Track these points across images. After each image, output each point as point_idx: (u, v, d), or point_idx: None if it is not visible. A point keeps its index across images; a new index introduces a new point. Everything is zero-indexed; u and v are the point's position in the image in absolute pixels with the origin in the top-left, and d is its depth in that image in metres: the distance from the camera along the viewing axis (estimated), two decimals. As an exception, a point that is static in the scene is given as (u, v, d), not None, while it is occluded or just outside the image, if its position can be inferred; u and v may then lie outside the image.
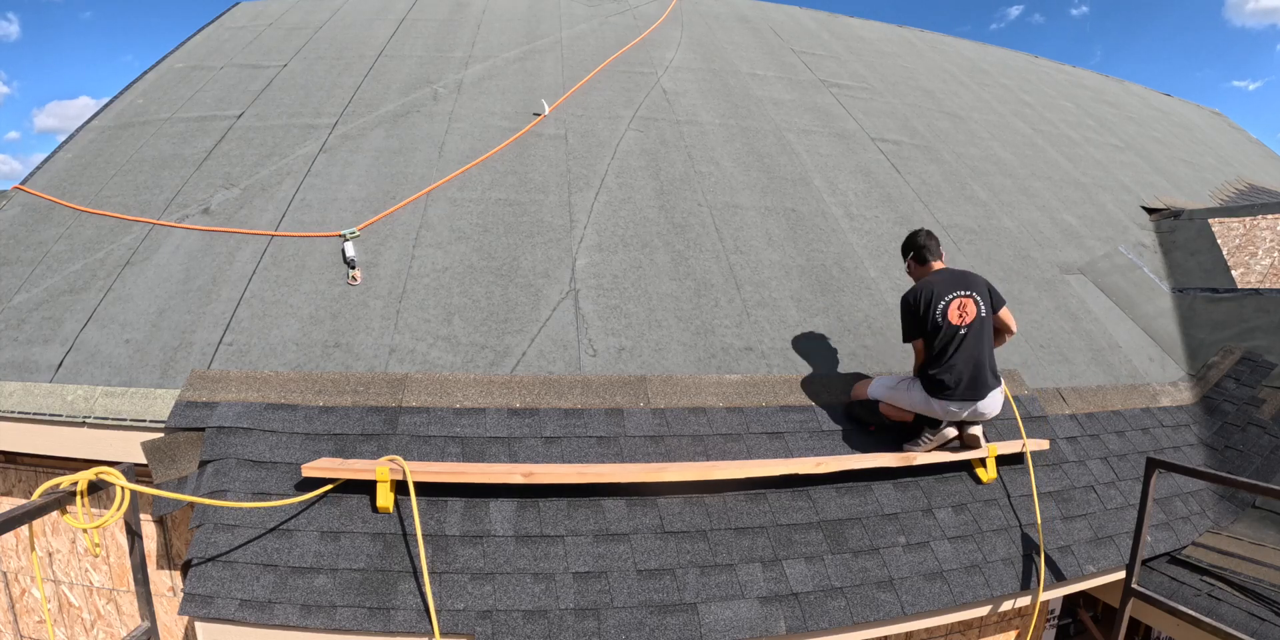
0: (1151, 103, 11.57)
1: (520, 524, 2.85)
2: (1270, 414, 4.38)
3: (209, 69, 6.11)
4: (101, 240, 4.08)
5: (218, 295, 3.69)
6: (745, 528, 3.04)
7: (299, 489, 2.79)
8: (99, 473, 2.16)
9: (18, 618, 3.84)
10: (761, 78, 7.06)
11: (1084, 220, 6.24)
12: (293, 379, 3.22)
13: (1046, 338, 4.63)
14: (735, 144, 5.71)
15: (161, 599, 3.39)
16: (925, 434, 3.38)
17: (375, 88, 5.75)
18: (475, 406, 3.24)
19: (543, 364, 3.53)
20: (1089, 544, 3.49)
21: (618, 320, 3.85)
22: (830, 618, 2.84)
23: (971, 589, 3.12)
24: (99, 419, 3.08)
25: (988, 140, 7.16)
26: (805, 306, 4.25)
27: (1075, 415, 4.12)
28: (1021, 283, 5.07)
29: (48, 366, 3.31)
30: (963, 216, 5.60)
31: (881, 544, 3.14)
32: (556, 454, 3.11)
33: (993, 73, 9.56)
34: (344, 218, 4.25)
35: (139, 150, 4.94)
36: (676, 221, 4.66)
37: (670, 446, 3.24)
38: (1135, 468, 3.94)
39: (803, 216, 5.03)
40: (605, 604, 2.69)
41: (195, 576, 2.54)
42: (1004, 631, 3.99)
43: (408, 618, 2.55)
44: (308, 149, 4.88)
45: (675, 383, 3.54)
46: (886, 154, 6.16)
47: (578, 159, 5.09)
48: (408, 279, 3.89)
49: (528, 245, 4.22)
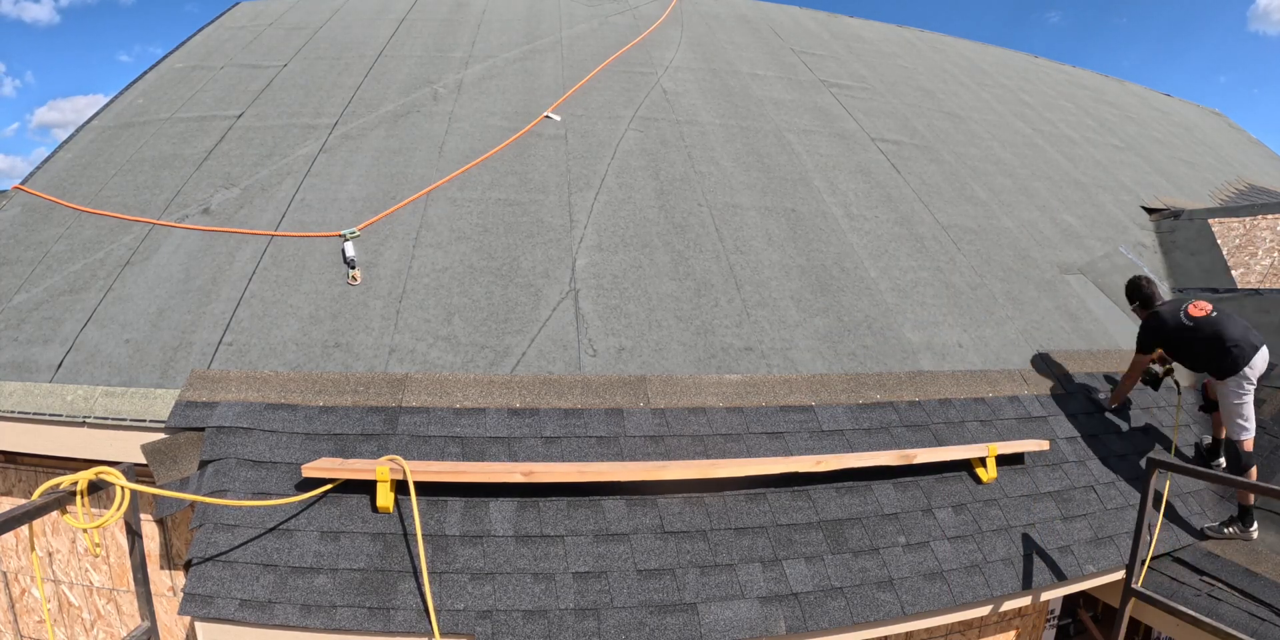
0: (1152, 103, 11.57)
1: (520, 524, 2.85)
2: (1270, 414, 4.38)
3: (209, 69, 6.11)
4: (101, 240, 4.08)
5: (218, 295, 3.69)
6: (745, 528, 3.04)
7: (299, 489, 2.79)
8: (99, 473, 2.16)
9: (18, 618, 3.84)
10: (761, 78, 7.06)
11: (1084, 220, 6.24)
12: (293, 379, 3.22)
13: (1046, 338, 4.63)
14: (735, 144, 5.71)
15: (161, 599, 3.39)
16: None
17: (375, 88, 5.75)
18: (475, 406, 3.24)
19: (543, 364, 3.53)
20: (1089, 544, 3.49)
21: (618, 320, 3.85)
22: (830, 618, 2.84)
23: (971, 589, 3.12)
24: (99, 419, 3.08)
25: (988, 140, 7.16)
26: (805, 306, 4.25)
27: (1075, 415, 4.12)
28: (1021, 283, 5.07)
29: (48, 366, 3.31)
30: (963, 216, 5.60)
31: (881, 544, 3.14)
32: (556, 454, 3.11)
33: (992, 73, 9.56)
34: (344, 218, 4.26)
35: (139, 150, 4.94)
36: (676, 221, 4.66)
37: (670, 446, 3.24)
38: (1135, 468, 3.94)
39: (803, 216, 5.03)
40: (605, 604, 2.69)
41: (195, 576, 2.54)
42: (1004, 631, 3.99)
43: (408, 618, 2.55)
44: (308, 149, 4.88)
45: (675, 383, 3.54)
46: (886, 154, 6.16)
47: (578, 159, 5.09)
48: (408, 279, 3.89)
49: (528, 245, 4.23)
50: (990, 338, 4.46)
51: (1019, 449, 3.64)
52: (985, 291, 4.84)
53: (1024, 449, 3.66)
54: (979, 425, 3.82)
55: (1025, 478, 3.66)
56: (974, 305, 4.69)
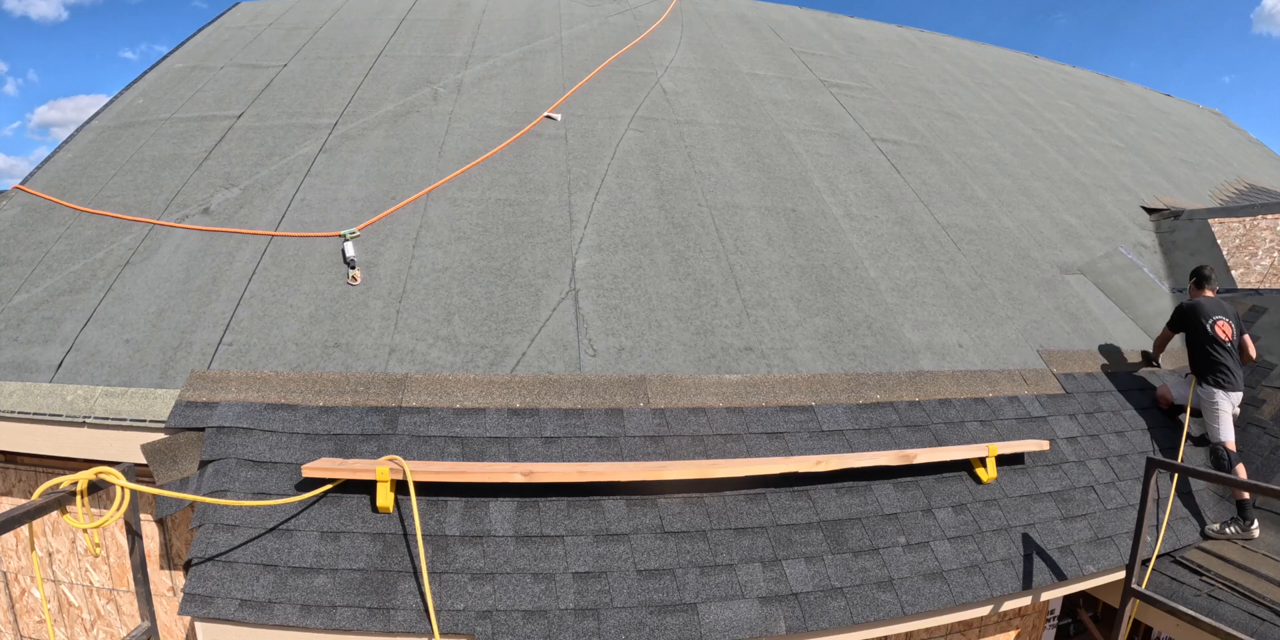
0: (1152, 103, 11.57)
1: (520, 524, 2.85)
2: (1270, 414, 4.38)
3: (209, 69, 6.11)
4: (101, 240, 4.08)
5: (218, 295, 3.69)
6: (745, 528, 3.04)
7: (299, 489, 2.79)
8: (99, 473, 2.16)
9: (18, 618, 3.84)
10: (761, 78, 7.06)
11: (1084, 220, 6.24)
12: (293, 379, 3.22)
13: (1046, 338, 4.63)
14: (735, 144, 5.71)
15: (161, 599, 3.39)
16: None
17: (375, 88, 5.75)
18: (475, 406, 3.24)
19: (543, 364, 3.53)
20: (1089, 544, 3.49)
21: (618, 320, 3.85)
22: (830, 618, 2.84)
23: (971, 589, 3.12)
24: (99, 419, 3.08)
25: (987, 140, 7.16)
26: (805, 306, 4.25)
27: (1075, 415, 4.12)
28: (1021, 283, 5.07)
29: (48, 366, 3.31)
30: (963, 216, 5.60)
31: (881, 544, 3.14)
32: (556, 454, 3.11)
33: (992, 73, 9.56)
34: (344, 218, 4.26)
35: (139, 150, 4.94)
36: (676, 221, 4.66)
37: (670, 446, 3.24)
38: (1135, 468, 3.94)
39: (803, 216, 5.03)
40: (605, 604, 2.69)
41: (195, 576, 2.54)
42: (1004, 631, 3.99)
43: (407, 618, 2.55)
44: (308, 149, 4.88)
45: (675, 383, 3.54)
46: (886, 154, 6.16)
47: (578, 159, 5.09)
48: (408, 279, 3.89)
49: (528, 245, 4.23)
50: (990, 338, 4.46)
51: (1019, 449, 3.64)
52: (985, 291, 4.84)
53: (1024, 449, 3.66)
54: (979, 425, 3.82)
55: (1025, 478, 3.66)
56: (974, 305, 4.69)
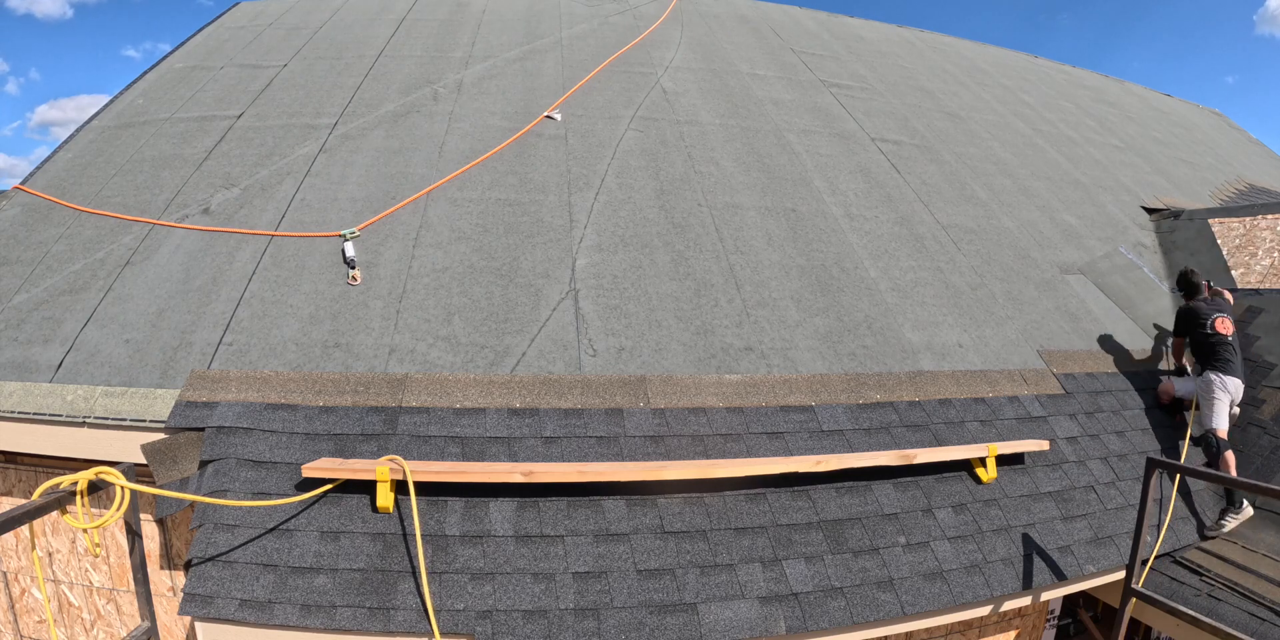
0: (1152, 103, 11.57)
1: (520, 524, 2.85)
2: (1270, 414, 4.38)
3: (209, 69, 6.11)
4: (101, 240, 4.08)
5: (218, 295, 3.69)
6: (745, 528, 3.04)
7: (299, 489, 2.79)
8: (99, 473, 2.16)
9: (18, 618, 3.84)
10: (761, 78, 7.06)
11: (1084, 220, 6.23)
12: (293, 379, 3.22)
13: (1046, 338, 4.63)
14: (735, 144, 5.71)
15: (161, 599, 3.39)
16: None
17: (375, 88, 5.75)
18: (475, 406, 3.24)
19: (543, 364, 3.53)
20: (1089, 544, 3.49)
21: (618, 320, 3.85)
22: (830, 618, 2.84)
23: (971, 589, 3.12)
24: (99, 419, 3.08)
25: (988, 140, 7.16)
26: (805, 306, 4.25)
27: (1075, 415, 4.12)
28: (1021, 283, 5.07)
29: (48, 366, 3.31)
30: (963, 216, 5.60)
31: (881, 544, 3.14)
32: (556, 454, 3.11)
33: (992, 73, 9.56)
34: (344, 218, 4.26)
35: (139, 150, 4.94)
36: (676, 221, 4.66)
37: (670, 446, 3.24)
38: (1135, 468, 3.94)
39: (803, 216, 5.03)
40: (605, 604, 2.69)
41: (195, 576, 2.54)
42: (1004, 631, 3.99)
43: (407, 618, 2.55)
44: (308, 149, 4.88)
45: (675, 383, 3.54)
46: (886, 154, 6.16)
47: (578, 159, 5.09)
48: (408, 279, 3.89)
49: (528, 245, 4.23)
50: (990, 338, 4.46)
51: (1019, 449, 3.64)
52: (985, 291, 4.84)
53: (1024, 449, 3.66)
54: (979, 425, 3.82)
55: (1025, 478, 3.66)
56: (974, 305, 4.69)
